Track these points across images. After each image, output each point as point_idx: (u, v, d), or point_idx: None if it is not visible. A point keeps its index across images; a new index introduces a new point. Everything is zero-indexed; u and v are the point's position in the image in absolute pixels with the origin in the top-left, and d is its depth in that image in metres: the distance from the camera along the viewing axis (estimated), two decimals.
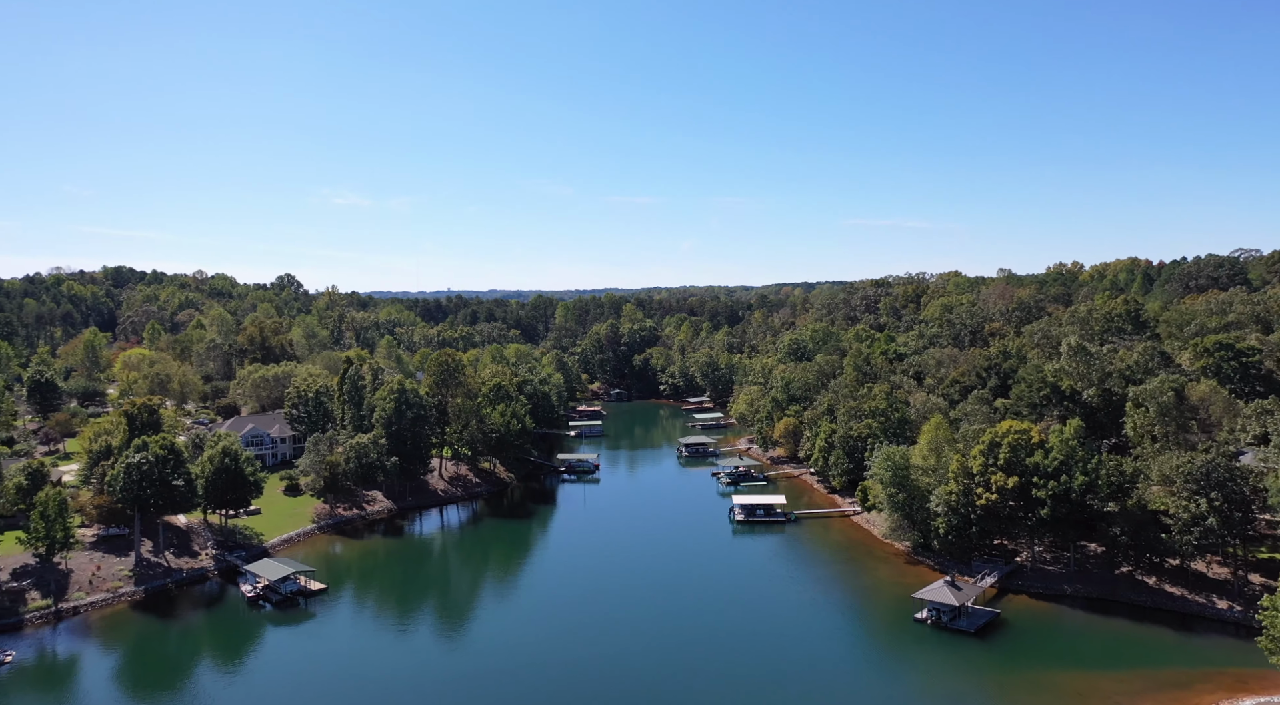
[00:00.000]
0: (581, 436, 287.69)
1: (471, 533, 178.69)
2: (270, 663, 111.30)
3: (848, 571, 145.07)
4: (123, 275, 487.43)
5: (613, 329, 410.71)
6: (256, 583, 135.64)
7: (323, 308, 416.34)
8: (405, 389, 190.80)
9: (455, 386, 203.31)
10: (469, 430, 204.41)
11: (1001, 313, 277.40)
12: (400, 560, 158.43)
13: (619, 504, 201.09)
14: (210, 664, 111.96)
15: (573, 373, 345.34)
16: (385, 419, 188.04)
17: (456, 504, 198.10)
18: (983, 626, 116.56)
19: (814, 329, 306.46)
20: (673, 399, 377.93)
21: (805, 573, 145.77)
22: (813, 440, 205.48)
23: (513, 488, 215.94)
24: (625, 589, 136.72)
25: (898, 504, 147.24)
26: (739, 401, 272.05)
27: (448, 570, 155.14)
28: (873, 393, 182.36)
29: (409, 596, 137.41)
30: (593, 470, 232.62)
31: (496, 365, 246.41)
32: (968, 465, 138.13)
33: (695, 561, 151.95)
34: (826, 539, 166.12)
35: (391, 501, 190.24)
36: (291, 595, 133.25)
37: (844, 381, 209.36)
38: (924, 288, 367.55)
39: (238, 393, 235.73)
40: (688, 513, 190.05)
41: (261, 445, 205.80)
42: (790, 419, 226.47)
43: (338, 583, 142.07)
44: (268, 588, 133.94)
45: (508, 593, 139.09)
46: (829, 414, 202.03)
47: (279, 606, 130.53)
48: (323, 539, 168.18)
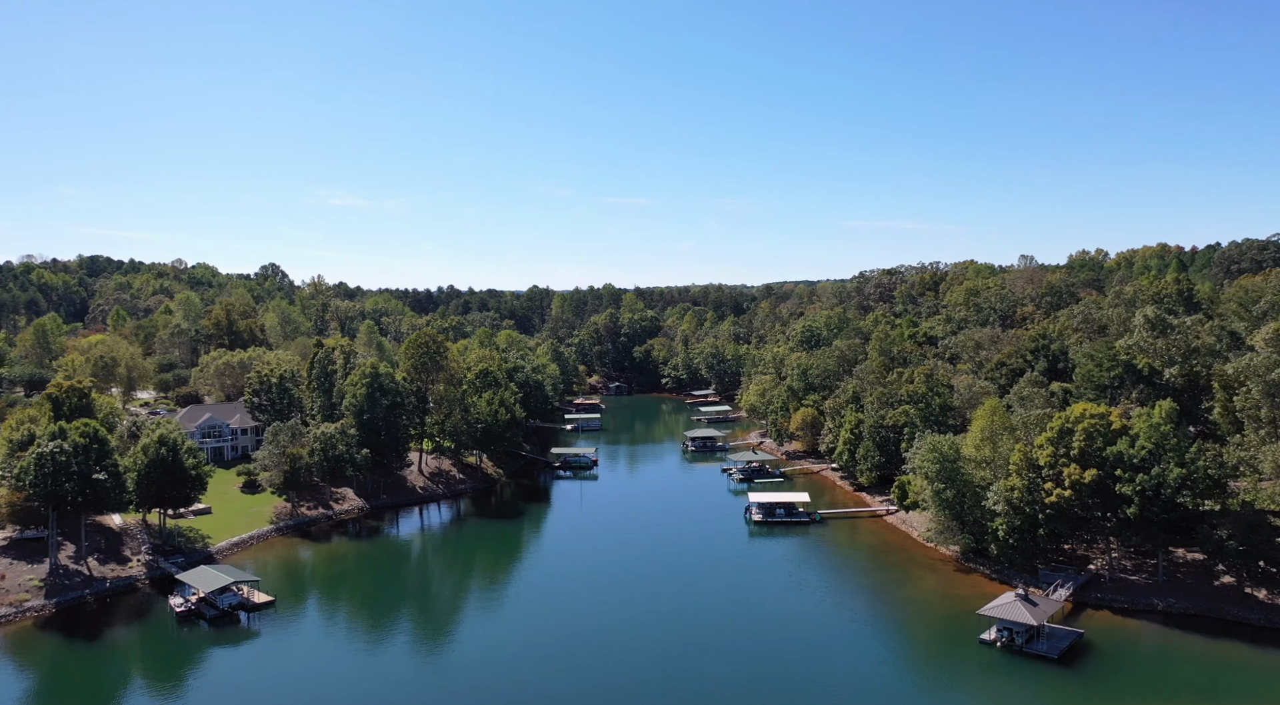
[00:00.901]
0: (578, 430, 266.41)
1: (454, 534, 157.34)
2: (195, 695, 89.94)
3: (889, 581, 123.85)
4: (98, 264, 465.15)
5: (612, 319, 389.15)
6: (189, 595, 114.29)
7: (306, 297, 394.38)
8: (379, 373, 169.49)
9: (436, 371, 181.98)
10: (451, 420, 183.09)
11: (1031, 298, 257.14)
12: (370, 566, 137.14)
13: (619, 503, 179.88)
14: (115, 699, 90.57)
15: (569, 364, 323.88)
16: (356, 406, 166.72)
17: (437, 502, 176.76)
18: (1066, 650, 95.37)
19: (828, 315, 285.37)
20: (676, 392, 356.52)
21: (838, 581, 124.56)
22: (836, 432, 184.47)
23: (501, 484, 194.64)
24: (629, 599, 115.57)
25: (946, 502, 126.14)
26: (749, 392, 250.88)
27: (425, 578, 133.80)
28: (909, 376, 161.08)
29: (377, 609, 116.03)
30: (590, 466, 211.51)
31: (484, 349, 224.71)
32: (1032, 456, 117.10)
33: (707, 567, 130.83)
34: (858, 542, 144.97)
35: (363, 499, 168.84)
36: (231, 609, 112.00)
37: (869, 367, 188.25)
38: (941, 275, 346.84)
39: (200, 380, 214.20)
40: (696, 512, 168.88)
41: (220, 437, 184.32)
42: (808, 409, 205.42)
43: (292, 593, 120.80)
44: (202, 601, 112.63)
45: (493, 605, 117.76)
46: (854, 402, 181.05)
47: (215, 623, 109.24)
48: (281, 542, 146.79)
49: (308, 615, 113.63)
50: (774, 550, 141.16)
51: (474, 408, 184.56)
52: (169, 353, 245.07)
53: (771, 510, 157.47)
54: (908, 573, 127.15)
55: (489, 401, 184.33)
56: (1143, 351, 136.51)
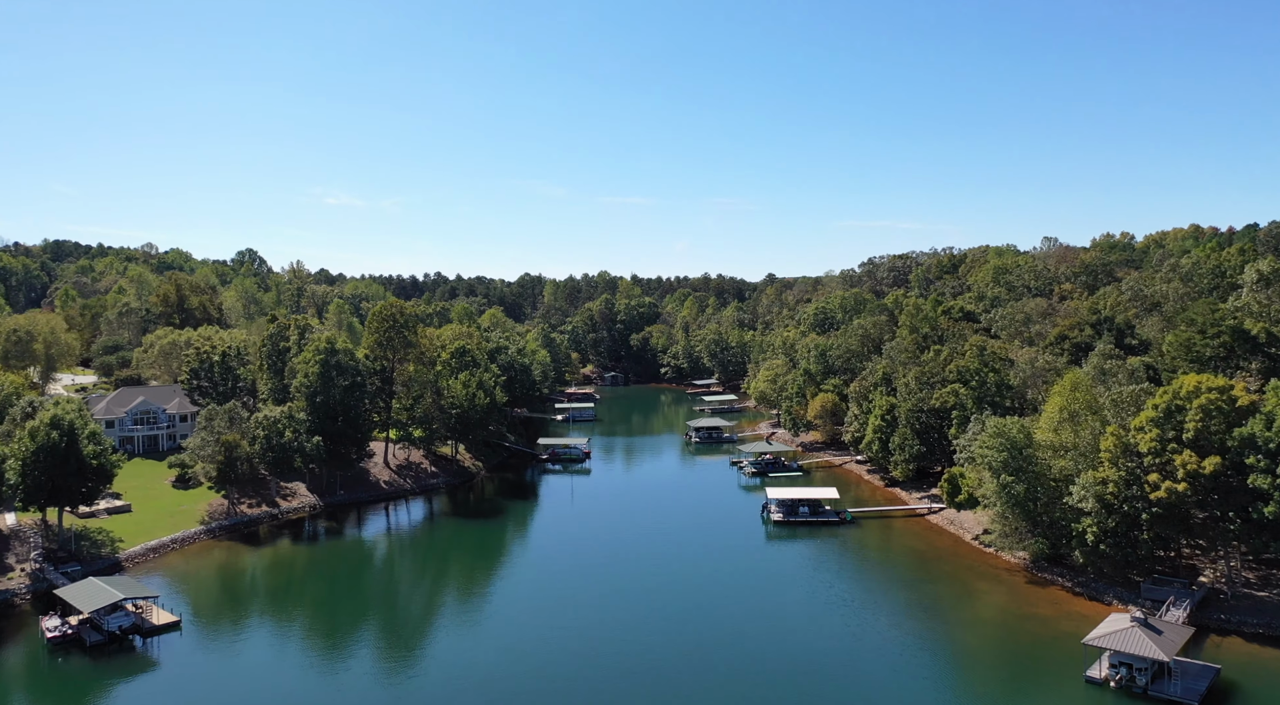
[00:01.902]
0: (570, 421, 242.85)
1: (424, 536, 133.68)
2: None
3: (947, 595, 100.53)
4: (64, 249, 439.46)
5: (607, 305, 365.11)
6: (66, 617, 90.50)
7: (281, 282, 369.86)
8: (335, 348, 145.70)
9: (404, 348, 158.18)
10: (422, 405, 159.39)
11: (1066, 276, 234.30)
12: (318, 575, 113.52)
13: (615, 500, 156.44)
14: None
15: (561, 351, 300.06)
16: (308, 387, 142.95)
17: (405, 499, 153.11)
18: (1205, 695, 72.18)
19: (843, 296, 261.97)
20: (676, 382, 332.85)
21: (883, 596, 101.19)
22: (862, 419, 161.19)
23: (480, 479, 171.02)
24: (629, 614, 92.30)
25: (1015, 498, 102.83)
26: (758, 379, 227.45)
27: (384, 590, 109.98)
28: (961, 349, 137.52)
29: (321, 628, 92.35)
30: (582, 458, 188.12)
31: (463, 325, 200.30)
32: (1129, 441, 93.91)
33: (719, 576, 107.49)
34: (899, 546, 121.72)
35: (316, 496, 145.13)
36: (121, 633, 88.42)
37: (900, 345, 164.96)
38: (959, 258, 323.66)
39: (143, 362, 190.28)
40: (704, 510, 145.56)
41: (154, 423, 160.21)
42: (828, 395, 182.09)
43: (211, 611, 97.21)
44: (85, 622, 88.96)
45: (468, 623, 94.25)
46: (884, 385, 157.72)
47: (98, 652, 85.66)
48: (212, 547, 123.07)
49: (226, 638, 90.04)
50: (799, 556, 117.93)
51: (448, 391, 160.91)
52: (117, 334, 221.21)
53: (794, 508, 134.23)
54: (967, 585, 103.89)
55: (465, 384, 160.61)
56: (1254, 315, 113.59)
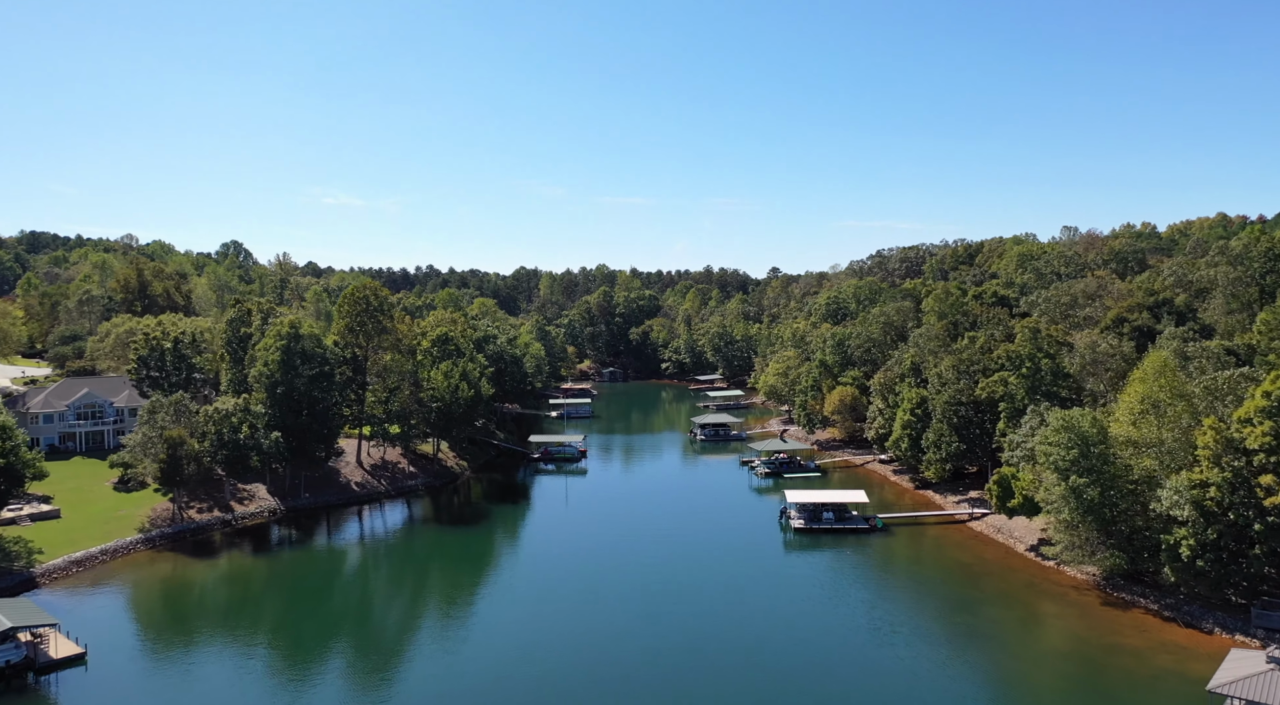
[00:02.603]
0: (565, 417, 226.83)
1: (399, 545, 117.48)
2: None
3: (1010, 619, 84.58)
4: (40, 240, 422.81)
5: (605, 298, 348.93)
6: None
7: (264, 273, 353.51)
8: (299, 333, 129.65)
9: (379, 335, 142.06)
10: (399, 397, 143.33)
11: (1096, 263, 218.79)
12: (273, 591, 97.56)
13: (614, 503, 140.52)
14: None
15: (557, 345, 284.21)
16: (268, 377, 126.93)
17: (380, 502, 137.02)
18: None
19: (856, 285, 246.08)
20: (677, 378, 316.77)
21: (934, 620, 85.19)
22: (888, 413, 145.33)
23: (465, 480, 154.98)
24: (630, 635, 76.40)
25: (1087, 504, 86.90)
26: (767, 373, 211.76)
27: (352, 608, 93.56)
28: (1005, 333, 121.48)
29: (267, 656, 76.18)
30: (578, 457, 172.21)
31: (446, 310, 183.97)
32: (1234, 437, 78.09)
33: (734, 593, 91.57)
34: (942, 558, 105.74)
35: (277, 499, 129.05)
36: (9, 668, 72.36)
37: (929, 332, 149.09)
38: (976, 247, 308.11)
39: (98, 352, 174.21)
40: (713, 515, 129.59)
41: (100, 418, 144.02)
42: (847, 387, 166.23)
43: (133, 638, 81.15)
44: None
45: (447, 646, 78.19)
46: (913, 375, 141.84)
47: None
48: (149, 558, 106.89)
49: (143, 672, 74.03)
50: (824, 569, 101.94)
51: (428, 382, 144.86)
52: (77, 323, 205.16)
53: (817, 514, 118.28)
54: (1030, 606, 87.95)
55: (447, 375, 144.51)
56: None
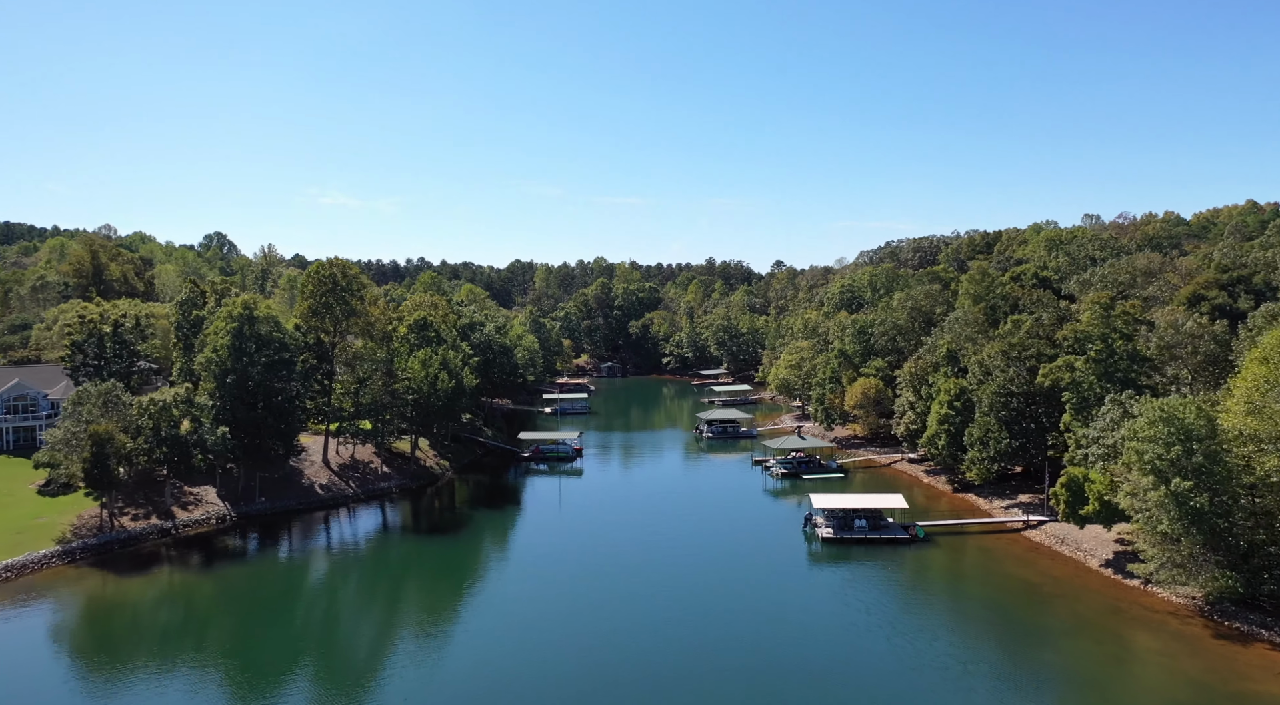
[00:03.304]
0: (560, 414, 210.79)
1: (369, 556, 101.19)
2: None
3: (1101, 656, 68.60)
4: (15, 231, 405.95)
5: (604, 289, 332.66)
6: None
7: (247, 265, 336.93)
8: (254, 315, 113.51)
9: (348, 318, 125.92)
10: (370, 389, 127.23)
11: (1131, 248, 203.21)
12: (219, 613, 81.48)
13: (613, 507, 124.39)
14: None
15: (552, 338, 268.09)
16: (217, 363, 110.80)
17: (348, 507, 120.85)
18: None
19: (872, 272, 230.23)
20: (679, 373, 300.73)
21: (1009, 657, 69.18)
22: (921, 407, 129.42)
23: (445, 481, 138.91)
24: (630, 662, 60.42)
25: (1192, 512, 70.95)
26: (778, 365, 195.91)
27: (309, 632, 77.19)
28: (1065, 313, 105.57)
29: (198, 693, 60.27)
30: (572, 457, 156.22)
31: (428, 294, 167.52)
32: None
33: (753, 617, 75.62)
34: (1000, 574, 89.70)
35: (228, 504, 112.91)
36: None
37: (964, 316, 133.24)
38: (994, 236, 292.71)
39: (44, 340, 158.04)
40: (725, 522, 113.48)
41: (33, 412, 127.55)
42: (871, 379, 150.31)
43: (40, 676, 65.05)
44: None
45: (423, 675, 62.27)
46: (950, 363, 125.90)
47: None
48: (65, 575, 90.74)
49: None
50: (861, 587, 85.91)
51: (403, 371, 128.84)
52: (30, 311, 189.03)
53: (847, 521, 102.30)
54: (1122, 638, 72.00)
55: (425, 363, 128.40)
56: None
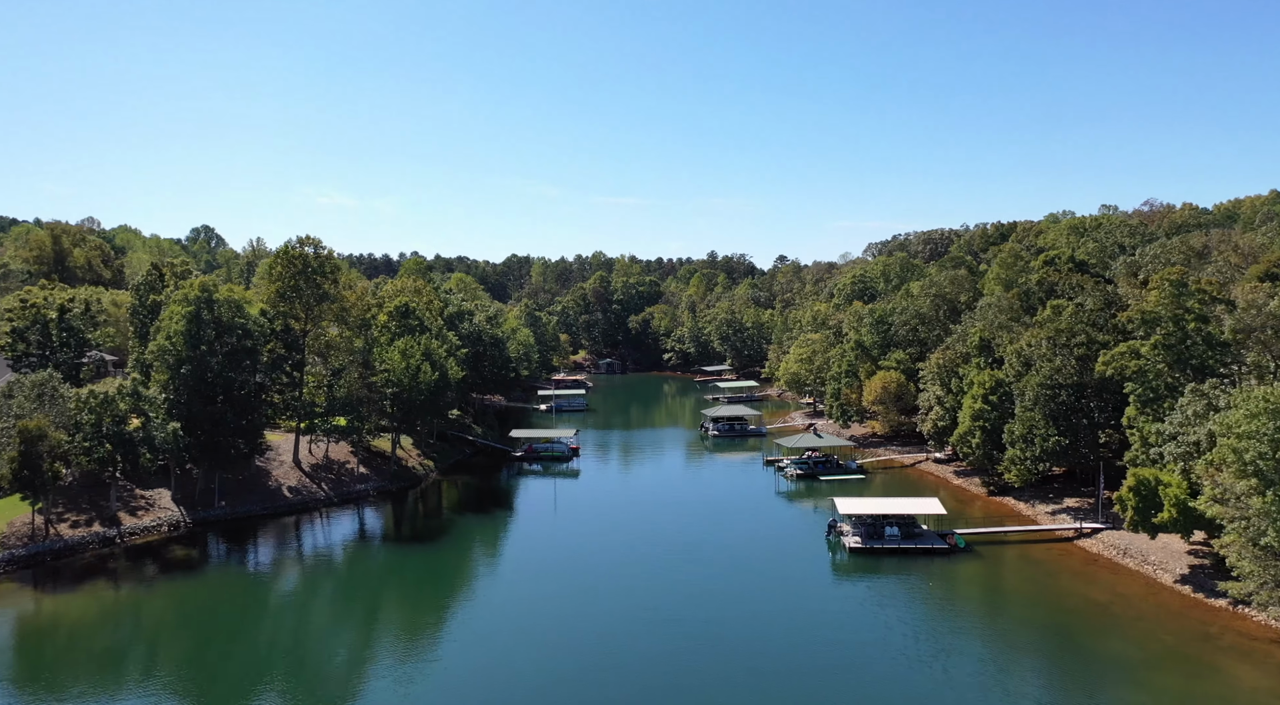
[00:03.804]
0: (556, 411, 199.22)
1: (342, 567, 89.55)
2: None
3: (1205, 697, 57.08)
4: None
5: (602, 283, 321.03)
6: None
7: (232, 257, 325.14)
8: (213, 298, 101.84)
9: (320, 304, 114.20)
10: (345, 381, 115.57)
11: (1159, 235, 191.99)
12: (167, 635, 69.99)
13: (612, 511, 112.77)
14: None
15: (548, 332, 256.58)
16: (171, 352, 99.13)
17: (319, 512, 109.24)
18: None
19: (885, 262, 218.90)
20: (681, 370, 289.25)
21: (1090, 696, 57.60)
22: (950, 401, 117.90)
23: (430, 483, 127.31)
24: (628, 688, 49.21)
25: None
26: (788, 359, 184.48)
27: (273, 654, 65.56)
28: (1114, 297, 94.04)
29: None
30: (568, 457, 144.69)
31: (411, 278, 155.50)
32: None
33: (775, 636, 64.15)
34: (1059, 592, 78.02)
35: (183, 508, 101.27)
36: None
37: (1000, 303, 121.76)
38: (1008, 228, 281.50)
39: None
40: (736, 528, 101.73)
41: None
42: (891, 372, 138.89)
43: None
44: None
45: (401, 699, 50.80)
46: (982, 353, 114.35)
47: None
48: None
49: None
50: (895, 604, 74.35)
51: (381, 362, 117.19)
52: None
53: (877, 529, 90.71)
54: (1219, 670, 60.53)
55: (404, 353, 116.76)
56: None
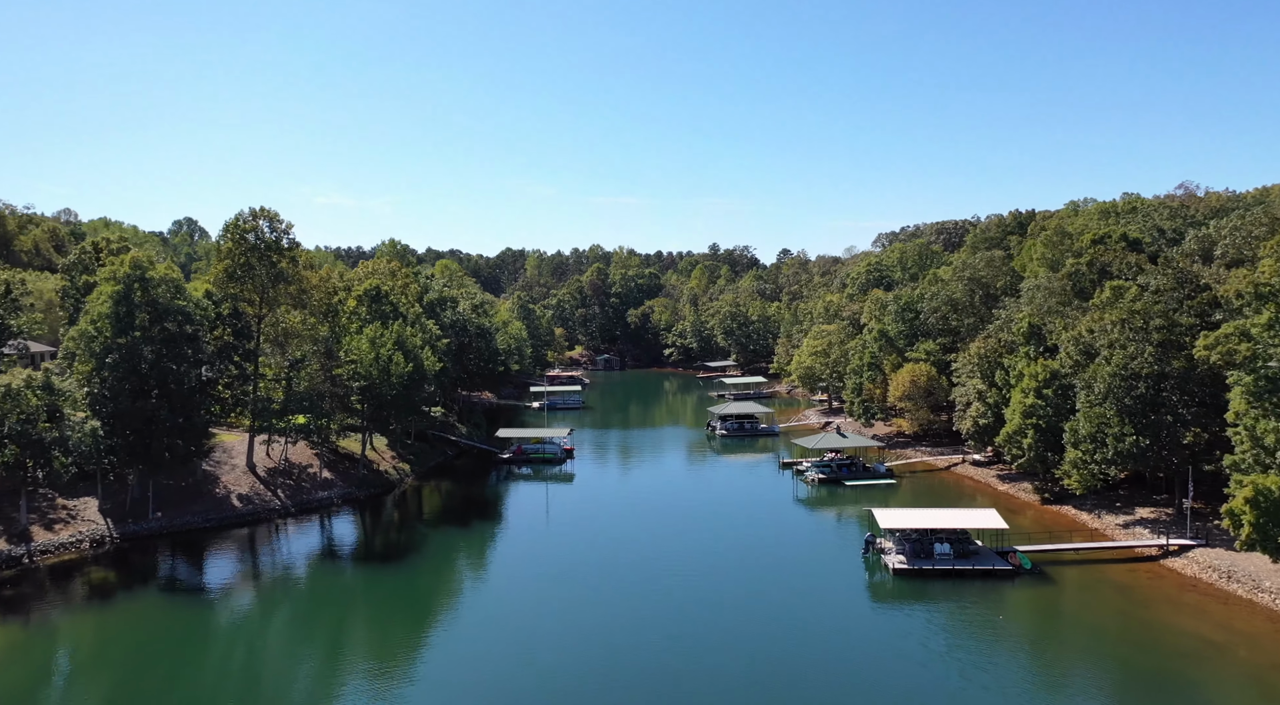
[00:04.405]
0: (548, 409, 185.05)
1: (297, 589, 75.03)
2: None
3: None
4: None
5: (600, 276, 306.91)
6: None
7: (210, 249, 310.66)
8: (145, 277, 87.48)
9: (276, 285, 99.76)
10: (306, 374, 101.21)
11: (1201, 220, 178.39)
12: (77, 677, 55.56)
13: (610, 520, 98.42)
14: None
15: (542, 326, 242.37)
16: (97, 339, 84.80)
17: (274, 524, 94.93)
18: None
19: (902, 249, 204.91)
20: (683, 366, 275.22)
21: None
22: (994, 396, 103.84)
23: (405, 489, 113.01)
24: None
25: None
26: (801, 352, 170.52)
27: (213, 695, 51.76)
28: (1189, 275, 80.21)
29: None
30: (561, 458, 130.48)
31: (385, 260, 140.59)
32: None
33: (807, 680, 50.19)
34: (1150, 623, 63.80)
35: (111, 520, 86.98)
36: None
37: (1051, 286, 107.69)
38: (1027, 216, 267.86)
39: None
40: (752, 543, 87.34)
41: None
42: (921, 364, 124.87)
43: None
44: None
45: None
46: (1031, 342, 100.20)
47: None
48: None
49: None
50: (956, 641, 60.21)
51: (346, 353, 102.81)
52: None
53: (924, 545, 76.53)
54: None
55: (374, 341, 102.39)
56: None
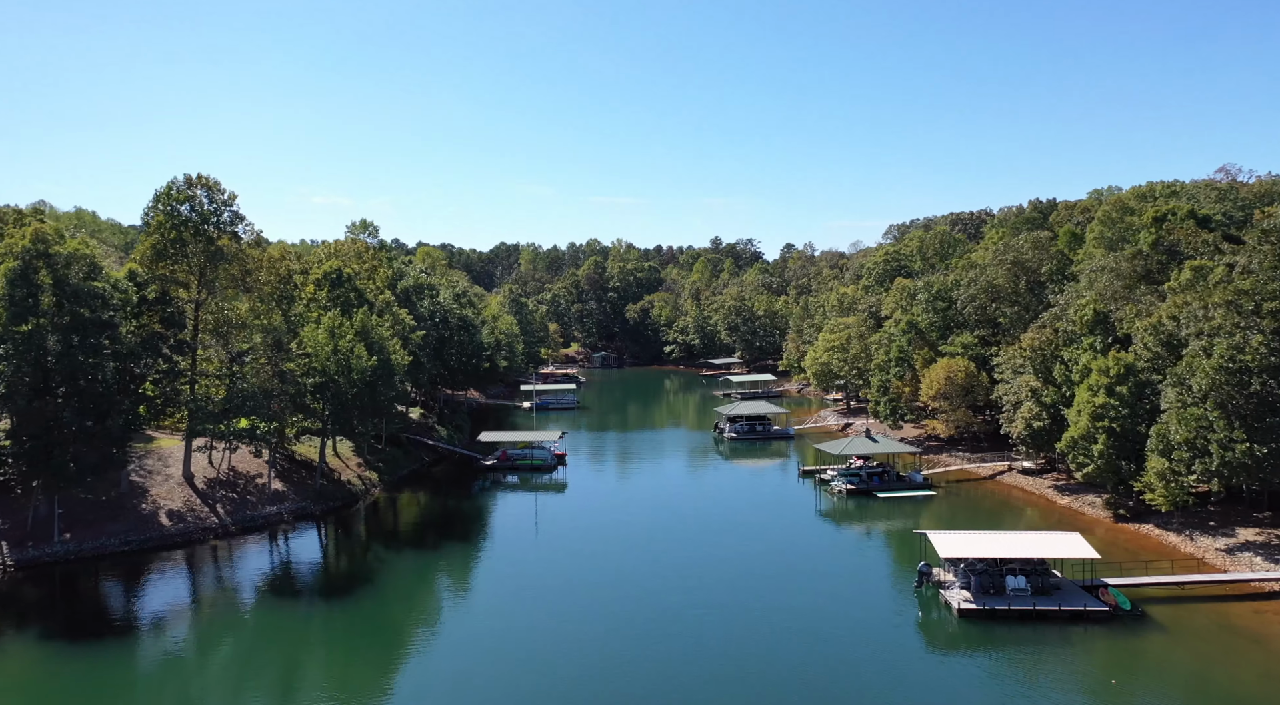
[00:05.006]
0: (541, 409, 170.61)
1: (238, 634, 60.46)
2: None
3: None
4: None
5: (597, 269, 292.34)
6: None
7: None
8: (50, 253, 73.08)
9: (215, 265, 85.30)
10: (252, 370, 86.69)
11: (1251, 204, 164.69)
12: None
13: (607, 538, 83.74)
14: None
15: (535, 321, 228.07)
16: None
17: (208, 546, 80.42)
18: None
19: (922, 237, 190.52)
20: (684, 363, 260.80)
21: None
22: (1050, 395, 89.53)
23: (370, 502, 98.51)
24: None
25: None
26: (816, 347, 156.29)
27: None
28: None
29: None
30: (552, 465, 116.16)
31: (350, 241, 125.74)
32: None
33: None
34: None
35: (3, 544, 72.43)
36: None
37: (1113, 266, 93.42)
38: (1049, 206, 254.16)
39: None
40: (774, 565, 72.73)
41: None
42: (957, 360, 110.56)
43: None
44: None
45: None
46: (1096, 332, 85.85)
47: None
48: None
49: None
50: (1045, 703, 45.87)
51: (300, 346, 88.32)
52: None
53: (995, 580, 62.07)
54: None
55: (332, 332, 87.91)
56: None
